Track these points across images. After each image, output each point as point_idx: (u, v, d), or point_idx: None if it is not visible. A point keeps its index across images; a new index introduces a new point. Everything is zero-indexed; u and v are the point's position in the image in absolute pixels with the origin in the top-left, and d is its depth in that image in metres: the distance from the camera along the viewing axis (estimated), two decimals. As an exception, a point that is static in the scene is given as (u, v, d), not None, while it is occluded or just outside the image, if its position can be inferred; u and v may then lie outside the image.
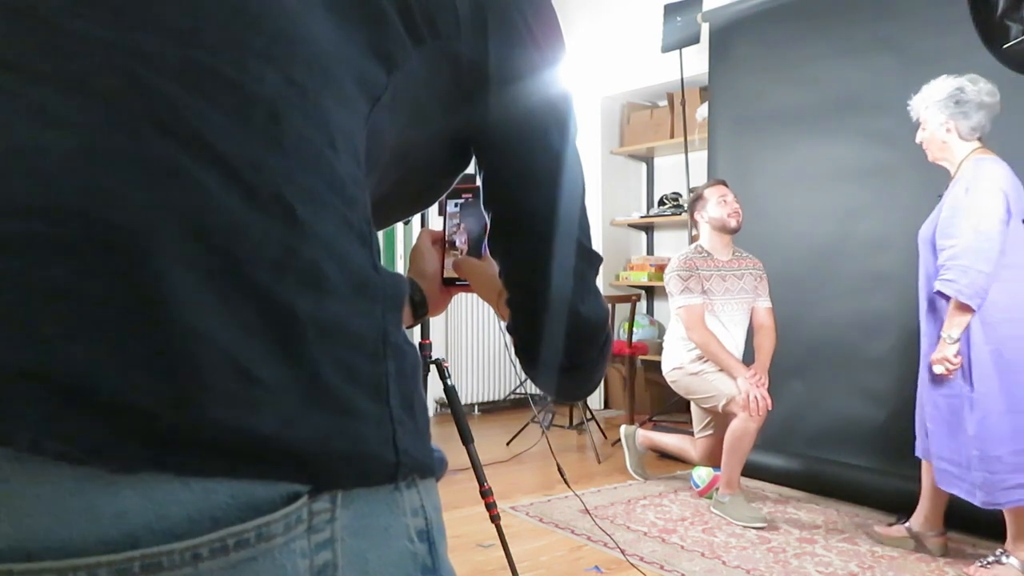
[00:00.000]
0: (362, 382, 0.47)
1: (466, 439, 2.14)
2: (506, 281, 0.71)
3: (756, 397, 3.23)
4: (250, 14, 0.48)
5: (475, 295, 0.88)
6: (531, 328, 0.70)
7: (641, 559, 2.82)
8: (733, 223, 3.47)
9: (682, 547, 2.96)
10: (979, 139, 2.67)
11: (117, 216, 0.41)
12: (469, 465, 2.14)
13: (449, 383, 2.24)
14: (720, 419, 3.46)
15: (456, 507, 3.12)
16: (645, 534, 3.10)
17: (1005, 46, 2.79)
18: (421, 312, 0.87)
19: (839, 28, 3.78)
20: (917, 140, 2.79)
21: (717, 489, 3.37)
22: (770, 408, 3.26)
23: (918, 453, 2.84)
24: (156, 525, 0.40)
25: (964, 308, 2.52)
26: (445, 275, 0.88)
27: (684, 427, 4.01)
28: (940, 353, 2.58)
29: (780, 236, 3.97)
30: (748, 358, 3.50)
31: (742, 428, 3.24)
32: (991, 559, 2.63)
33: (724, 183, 3.55)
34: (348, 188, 0.49)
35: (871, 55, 3.58)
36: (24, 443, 0.38)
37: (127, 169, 0.42)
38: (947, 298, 2.57)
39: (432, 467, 0.51)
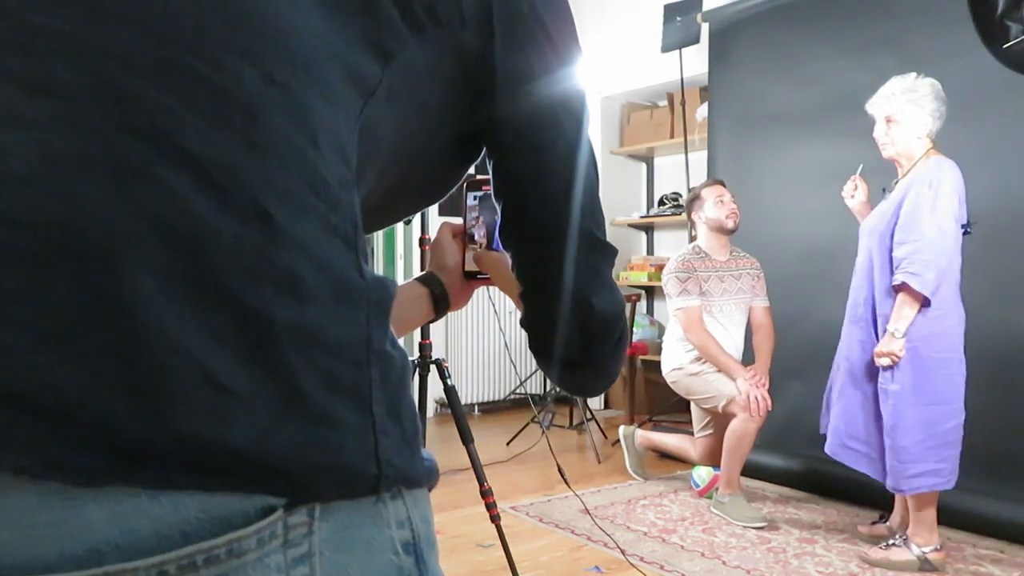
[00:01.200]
0: (343, 391, 0.45)
1: (466, 439, 2.14)
2: (519, 274, 0.69)
3: (756, 397, 3.23)
4: (229, 10, 0.46)
5: (486, 289, 0.87)
6: (544, 322, 0.68)
7: (641, 559, 2.82)
8: (730, 224, 3.47)
9: (682, 547, 2.96)
10: (931, 139, 2.75)
11: (82, 220, 0.39)
12: (469, 465, 2.14)
13: (449, 383, 2.24)
14: (720, 419, 3.46)
15: (456, 507, 3.12)
16: (645, 534, 3.10)
17: (1005, 46, 2.79)
18: (443, 306, 0.85)
19: (839, 28, 3.78)
20: (881, 136, 2.79)
21: (717, 489, 3.37)
22: (770, 408, 3.26)
23: (824, 430, 2.99)
24: (122, 540, 0.38)
25: (915, 303, 2.62)
26: (466, 268, 0.87)
27: (684, 427, 4.01)
28: (888, 347, 2.68)
29: (780, 236, 3.97)
30: (748, 358, 3.50)
31: (742, 428, 3.24)
32: (892, 542, 2.80)
33: (722, 183, 3.54)
34: (332, 190, 0.47)
35: (871, 55, 3.57)
36: None
37: (93, 172, 0.40)
38: (896, 292, 2.67)
39: (418, 478, 0.49)
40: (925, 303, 2.63)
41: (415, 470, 0.49)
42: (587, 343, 0.69)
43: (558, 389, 5.38)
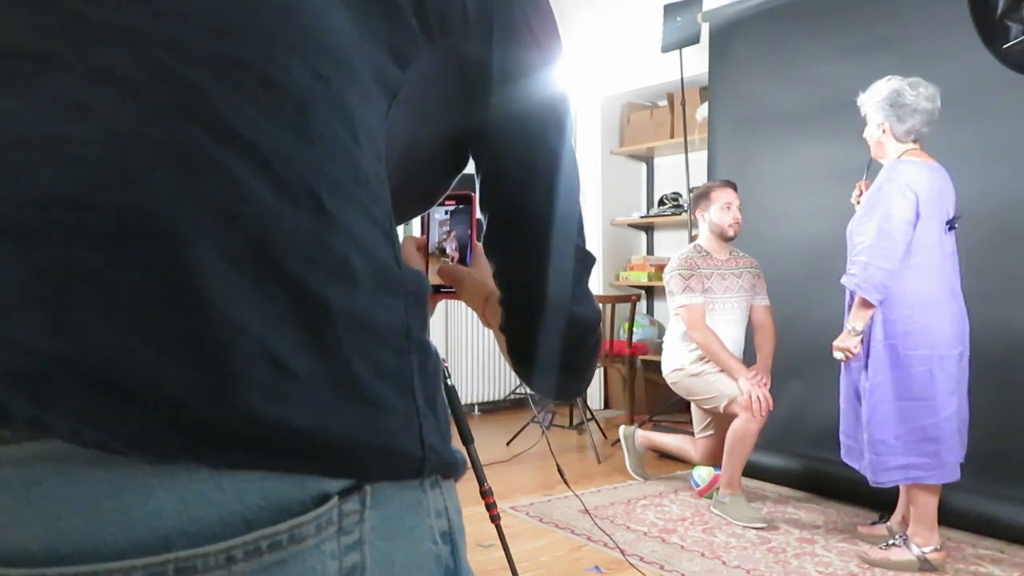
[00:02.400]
0: (389, 376, 0.46)
1: (466, 439, 2.13)
2: (501, 281, 0.71)
3: (758, 397, 3.23)
4: (276, 6, 0.48)
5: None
6: (525, 328, 0.70)
7: (641, 559, 2.82)
8: (731, 232, 3.49)
9: (682, 547, 2.96)
10: (914, 141, 2.76)
11: (150, 206, 0.41)
12: (469, 465, 2.15)
13: (449, 383, 2.23)
14: (720, 419, 3.46)
15: (456, 507, 3.11)
16: (645, 534, 3.10)
17: (1005, 46, 2.79)
18: None
19: (839, 28, 3.78)
20: (864, 135, 2.89)
21: (717, 489, 3.37)
22: (772, 408, 3.26)
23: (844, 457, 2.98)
24: (189, 527, 0.40)
25: (866, 302, 2.69)
26: (431, 283, 0.88)
27: (684, 427, 4.01)
28: (843, 343, 2.77)
29: (780, 236, 3.97)
30: (748, 357, 3.51)
31: (743, 428, 3.24)
32: (892, 542, 2.81)
33: (734, 187, 3.51)
34: (371, 183, 0.49)
35: (871, 55, 3.57)
36: (64, 431, 0.38)
37: (158, 159, 0.42)
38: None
39: (456, 465, 0.51)
40: (913, 301, 2.66)
41: (452, 456, 0.51)
42: (565, 349, 0.70)
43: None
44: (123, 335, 0.39)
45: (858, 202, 2.99)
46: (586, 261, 0.69)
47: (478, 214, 0.73)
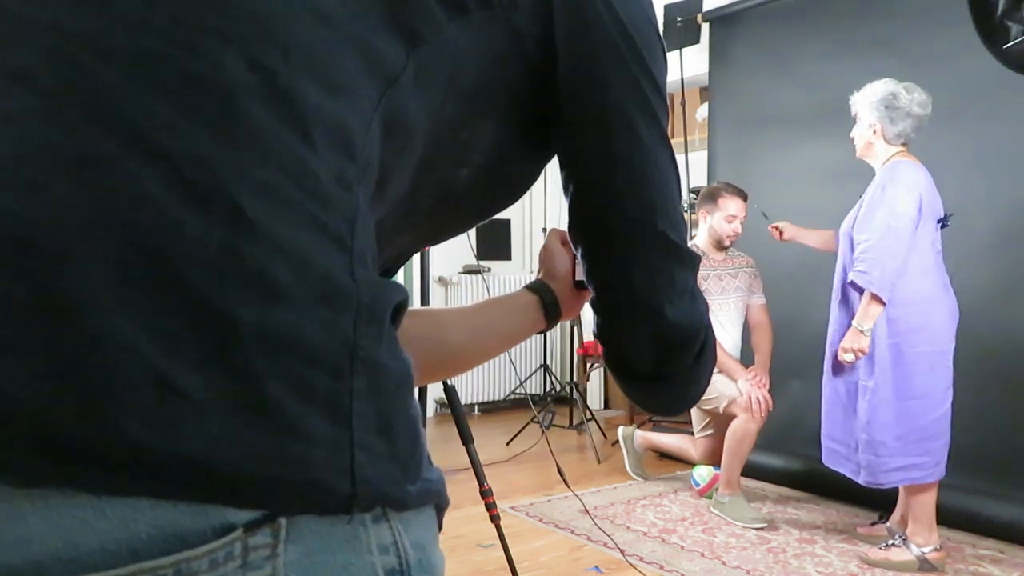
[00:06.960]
0: (316, 401, 0.41)
1: (466, 439, 2.14)
2: (588, 278, 0.65)
3: (757, 398, 3.23)
4: None
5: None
6: (613, 331, 0.65)
7: (641, 559, 2.82)
8: (727, 243, 3.51)
9: (682, 547, 2.96)
10: (903, 144, 2.79)
11: (35, 211, 0.38)
12: (469, 465, 2.14)
13: (449, 383, 2.24)
14: (720, 419, 3.46)
15: (456, 507, 3.09)
16: (645, 534, 3.10)
17: (1005, 46, 2.79)
18: (554, 314, 0.82)
19: (839, 28, 3.78)
20: (851, 134, 2.91)
21: (717, 488, 3.37)
22: (771, 409, 3.26)
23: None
24: (64, 554, 0.36)
25: (876, 300, 2.68)
26: (576, 277, 0.83)
27: (684, 427, 4.01)
28: (856, 343, 2.72)
29: (780, 236, 3.97)
30: (746, 356, 3.50)
31: (743, 429, 3.24)
32: (891, 542, 2.82)
33: (744, 197, 3.50)
34: (323, 185, 0.43)
35: (871, 55, 3.58)
36: None
37: (55, 163, 0.39)
38: (859, 290, 2.74)
39: (404, 500, 0.44)
40: (915, 298, 2.68)
41: (401, 492, 0.44)
42: (661, 356, 0.64)
43: (557, 389, 5.38)
44: None
45: (783, 238, 3.15)
46: (680, 257, 0.63)
47: None
